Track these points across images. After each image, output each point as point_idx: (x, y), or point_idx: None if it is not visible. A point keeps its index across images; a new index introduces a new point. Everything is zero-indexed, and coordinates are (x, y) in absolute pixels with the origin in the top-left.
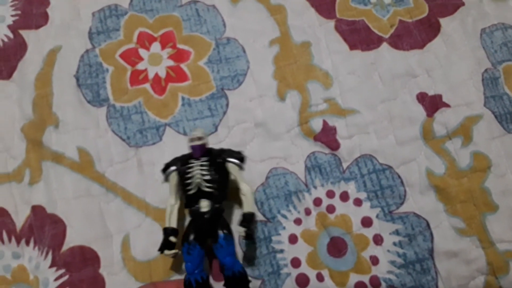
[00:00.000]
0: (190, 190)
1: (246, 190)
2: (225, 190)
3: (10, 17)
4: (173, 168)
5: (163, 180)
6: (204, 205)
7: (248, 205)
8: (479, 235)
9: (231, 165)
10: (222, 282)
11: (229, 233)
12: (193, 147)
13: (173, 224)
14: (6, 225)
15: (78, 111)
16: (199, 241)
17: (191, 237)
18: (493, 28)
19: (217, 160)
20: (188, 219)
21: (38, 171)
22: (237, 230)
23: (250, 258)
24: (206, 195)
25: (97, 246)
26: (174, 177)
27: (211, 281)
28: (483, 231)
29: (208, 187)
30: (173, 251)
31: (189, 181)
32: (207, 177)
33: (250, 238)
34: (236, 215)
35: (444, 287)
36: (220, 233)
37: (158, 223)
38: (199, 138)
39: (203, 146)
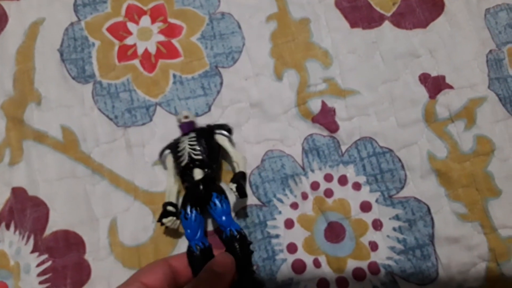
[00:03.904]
0: (182, 161)
1: (237, 156)
2: (215, 159)
3: None
4: (167, 151)
5: (164, 166)
6: (197, 172)
7: (239, 167)
8: (481, 220)
9: (219, 136)
10: None
11: (223, 193)
12: (181, 125)
13: (172, 200)
14: None
15: (61, 87)
16: (196, 208)
17: (186, 205)
18: (497, 8)
19: (205, 133)
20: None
21: (19, 151)
22: (229, 187)
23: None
24: (198, 164)
25: (82, 231)
26: (170, 160)
27: None
28: (485, 216)
29: (197, 154)
30: (170, 218)
31: (180, 153)
32: (196, 146)
33: (241, 192)
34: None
35: (445, 273)
36: (213, 193)
37: (147, 206)
38: (186, 117)
39: (190, 124)
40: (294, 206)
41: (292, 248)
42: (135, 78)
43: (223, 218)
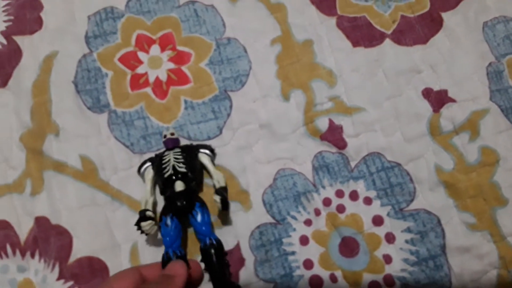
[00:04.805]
0: (166, 173)
1: (218, 175)
2: (197, 175)
3: (3, 23)
4: (147, 164)
5: (141, 178)
6: (179, 184)
7: (220, 183)
8: (490, 229)
9: (203, 155)
10: None
11: (205, 205)
12: (166, 141)
13: (149, 208)
14: (9, 237)
15: (78, 118)
16: (176, 217)
17: (166, 214)
18: (494, 21)
19: (190, 150)
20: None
21: (40, 181)
22: (213, 200)
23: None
24: (180, 177)
25: (105, 256)
26: (149, 172)
27: None
28: (494, 225)
29: (181, 167)
30: (149, 222)
31: (164, 165)
32: (181, 159)
33: (225, 204)
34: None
35: (457, 282)
36: (197, 203)
37: None
38: (172, 134)
39: (175, 140)
40: (308, 222)
41: (308, 264)
42: (148, 105)
43: (203, 228)
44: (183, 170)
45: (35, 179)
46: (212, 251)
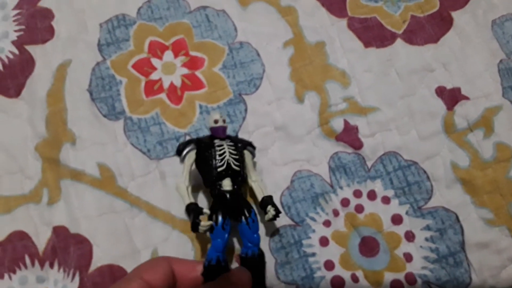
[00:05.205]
0: (217, 168)
1: (257, 177)
2: (245, 174)
3: (14, 33)
4: (193, 146)
5: (180, 159)
6: (227, 184)
7: (263, 189)
8: (508, 224)
9: (247, 152)
10: None
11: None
12: (218, 128)
13: (192, 201)
14: (27, 248)
15: (94, 126)
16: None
17: (220, 214)
18: (503, 18)
19: (241, 145)
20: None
21: (57, 190)
22: (268, 211)
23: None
24: (230, 174)
25: (125, 264)
26: (191, 156)
27: None
28: (511, 220)
29: (236, 165)
30: (209, 223)
31: (216, 157)
32: (235, 156)
33: (278, 215)
34: None
35: (478, 278)
36: (251, 209)
37: (185, 235)
38: (224, 121)
39: (225, 129)
40: (327, 223)
41: (329, 265)
42: (163, 111)
43: (255, 235)
44: (237, 168)
45: (52, 188)
46: (259, 262)
